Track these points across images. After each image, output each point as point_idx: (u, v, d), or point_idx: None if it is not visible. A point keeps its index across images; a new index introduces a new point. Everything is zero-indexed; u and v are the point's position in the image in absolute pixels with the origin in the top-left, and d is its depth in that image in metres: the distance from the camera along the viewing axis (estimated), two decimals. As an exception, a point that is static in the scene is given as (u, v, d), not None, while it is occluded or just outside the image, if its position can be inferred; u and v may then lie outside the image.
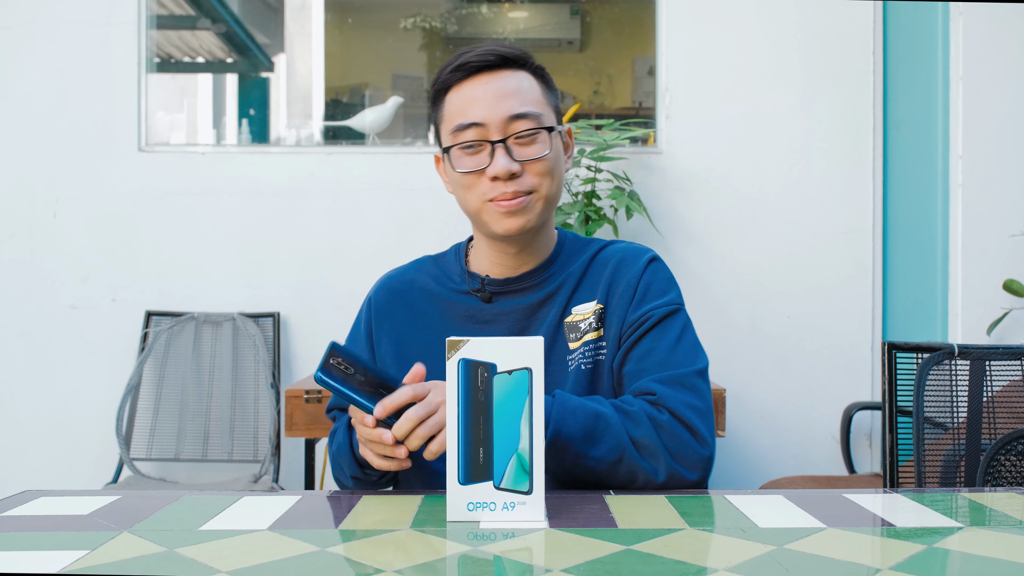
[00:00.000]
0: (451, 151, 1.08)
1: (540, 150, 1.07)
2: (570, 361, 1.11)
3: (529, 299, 1.13)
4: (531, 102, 1.08)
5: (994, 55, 2.57)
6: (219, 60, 3.45)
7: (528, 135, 1.06)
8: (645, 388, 1.04)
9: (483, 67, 1.07)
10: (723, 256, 2.66)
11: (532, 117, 1.07)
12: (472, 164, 1.07)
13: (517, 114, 1.06)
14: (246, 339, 2.60)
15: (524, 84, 1.08)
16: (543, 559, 0.72)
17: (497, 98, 1.06)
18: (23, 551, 0.75)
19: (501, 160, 1.05)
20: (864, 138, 2.66)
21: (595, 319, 1.11)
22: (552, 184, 1.09)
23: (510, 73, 1.08)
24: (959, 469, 1.43)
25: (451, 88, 1.09)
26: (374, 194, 2.67)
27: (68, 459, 2.65)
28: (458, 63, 1.08)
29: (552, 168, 1.09)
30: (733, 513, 0.87)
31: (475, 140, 1.06)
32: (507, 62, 1.08)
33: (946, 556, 0.74)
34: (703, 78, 2.68)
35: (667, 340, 1.08)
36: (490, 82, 1.07)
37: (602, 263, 1.15)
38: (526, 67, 1.10)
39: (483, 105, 1.06)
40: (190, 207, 2.67)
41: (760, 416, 2.66)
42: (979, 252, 2.57)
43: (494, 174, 1.06)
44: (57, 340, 2.65)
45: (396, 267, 1.24)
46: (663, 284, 1.13)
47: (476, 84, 1.07)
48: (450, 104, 1.09)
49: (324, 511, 0.89)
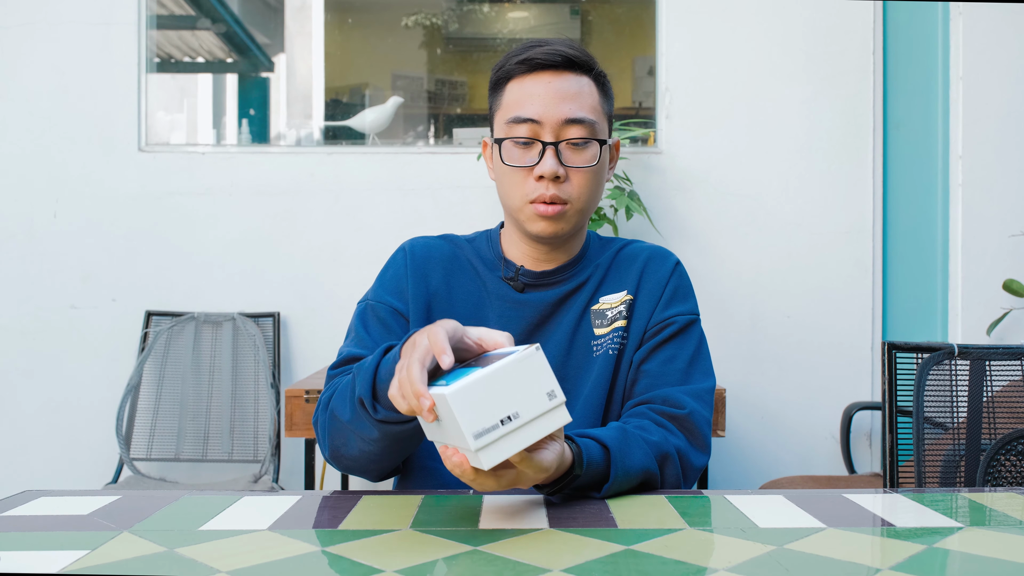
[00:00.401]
0: (503, 143, 1.09)
1: (589, 159, 1.09)
2: (596, 346, 1.15)
3: (559, 291, 1.16)
4: (588, 108, 1.09)
5: (994, 55, 2.57)
6: (219, 60, 3.45)
7: (581, 142, 1.08)
8: (676, 399, 1.09)
9: (548, 65, 1.08)
10: (723, 256, 2.66)
11: (587, 124, 1.08)
12: (521, 159, 1.09)
13: (574, 119, 1.07)
14: (246, 339, 2.60)
15: (585, 89, 1.09)
16: (543, 559, 0.72)
17: (557, 99, 1.07)
18: (23, 551, 0.75)
19: (549, 161, 1.07)
20: (864, 138, 2.66)
21: (625, 308, 1.15)
22: (592, 195, 1.11)
23: (573, 76, 1.09)
24: (959, 469, 1.43)
25: (513, 78, 1.10)
26: (374, 194, 2.67)
27: (68, 459, 2.66)
28: (524, 56, 1.08)
29: (595, 179, 1.11)
30: (733, 513, 0.87)
31: (528, 137, 1.07)
32: (572, 65, 1.09)
33: (946, 556, 0.74)
34: (703, 78, 2.68)
35: (689, 349, 1.14)
36: (552, 81, 1.08)
37: (629, 257, 1.19)
38: (590, 72, 1.11)
39: (542, 103, 1.07)
40: (190, 207, 2.67)
41: (760, 416, 2.66)
42: (979, 252, 2.57)
43: (540, 173, 1.07)
44: (57, 340, 2.65)
45: (425, 235, 1.24)
46: (687, 290, 1.19)
47: (538, 80, 1.08)
48: (510, 94, 1.10)
49: (324, 511, 0.89)
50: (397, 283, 1.17)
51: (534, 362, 0.76)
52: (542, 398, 0.76)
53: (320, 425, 1.03)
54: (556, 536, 0.78)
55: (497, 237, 1.21)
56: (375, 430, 0.92)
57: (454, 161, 2.68)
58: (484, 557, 0.73)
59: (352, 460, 1.01)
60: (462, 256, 1.19)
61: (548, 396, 0.76)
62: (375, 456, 0.98)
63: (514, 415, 0.75)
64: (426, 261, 1.18)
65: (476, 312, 1.15)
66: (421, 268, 1.17)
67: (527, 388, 0.75)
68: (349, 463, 1.02)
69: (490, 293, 1.16)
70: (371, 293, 1.19)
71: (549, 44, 1.09)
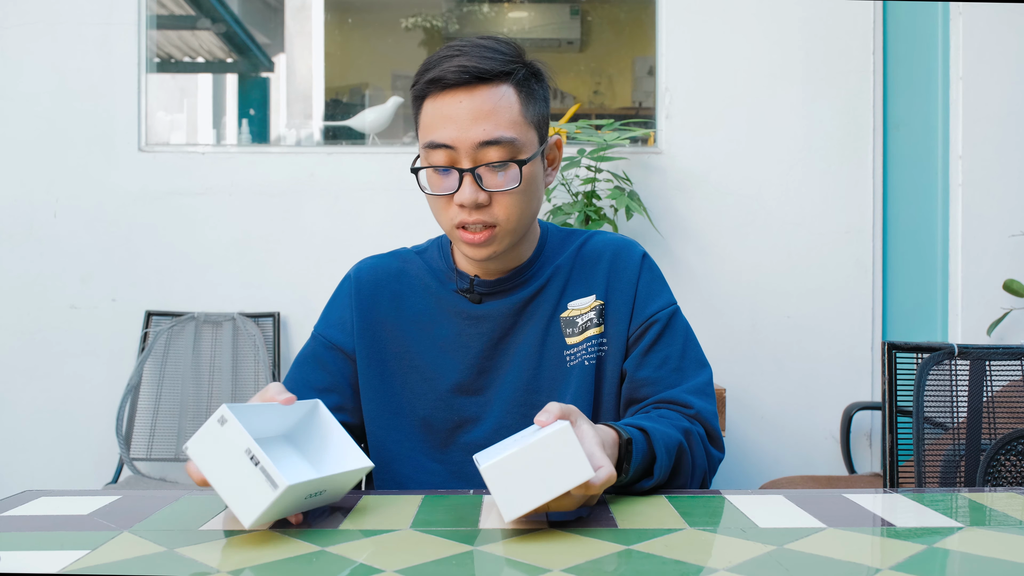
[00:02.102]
0: (421, 171, 1.05)
1: (510, 181, 1.02)
2: (569, 356, 1.11)
3: (518, 296, 1.12)
4: (506, 124, 1.00)
5: (994, 55, 2.57)
6: (219, 60, 3.45)
7: (499, 165, 1.01)
8: (681, 400, 1.08)
9: (459, 83, 1.00)
10: (723, 256, 2.66)
11: (505, 144, 1.00)
12: (440, 187, 1.03)
13: (489, 140, 0.99)
14: (246, 339, 2.60)
15: (502, 103, 1.00)
16: (543, 559, 0.72)
17: (470, 120, 0.99)
18: (23, 551, 0.75)
19: (467, 190, 1.00)
20: (864, 138, 2.66)
21: (596, 315, 1.11)
22: (522, 214, 1.04)
23: (488, 90, 1.00)
24: (959, 469, 1.43)
25: (426, 98, 1.03)
26: (374, 194, 2.67)
27: (68, 459, 2.66)
28: (433, 75, 1.01)
29: (523, 198, 1.04)
30: (733, 513, 0.87)
31: (444, 166, 1.01)
32: (485, 77, 1.00)
33: (946, 556, 0.74)
34: (703, 78, 2.68)
35: (677, 345, 1.11)
36: (464, 100, 1.00)
37: (593, 255, 1.14)
38: (508, 78, 1.02)
39: (455, 126, 1.00)
40: (190, 207, 2.67)
41: (760, 416, 2.66)
42: (979, 252, 2.57)
43: (459, 202, 1.01)
44: (57, 340, 2.65)
45: (374, 255, 1.20)
46: (659, 282, 1.15)
47: (450, 101, 1.00)
48: (425, 115, 1.03)
49: (323, 511, 0.89)
50: (340, 315, 1.16)
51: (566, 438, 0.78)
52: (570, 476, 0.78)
53: None
54: (556, 536, 0.78)
55: (448, 246, 1.16)
56: None
57: (454, 161, 2.68)
58: (484, 557, 0.73)
59: None
60: (411, 272, 1.15)
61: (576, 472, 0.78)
62: None
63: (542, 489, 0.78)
64: (373, 287, 1.15)
65: (429, 332, 1.11)
66: (367, 296, 1.14)
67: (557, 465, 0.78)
68: None
69: (444, 309, 1.12)
70: (317, 324, 1.18)
71: (462, 55, 1.01)
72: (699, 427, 1.07)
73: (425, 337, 1.11)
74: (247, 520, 0.75)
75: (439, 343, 1.11)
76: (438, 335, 1.11)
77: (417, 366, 1.11)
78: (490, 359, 1.10)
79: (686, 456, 1.03)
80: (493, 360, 1.10)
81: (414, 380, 1.11)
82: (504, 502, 0.77)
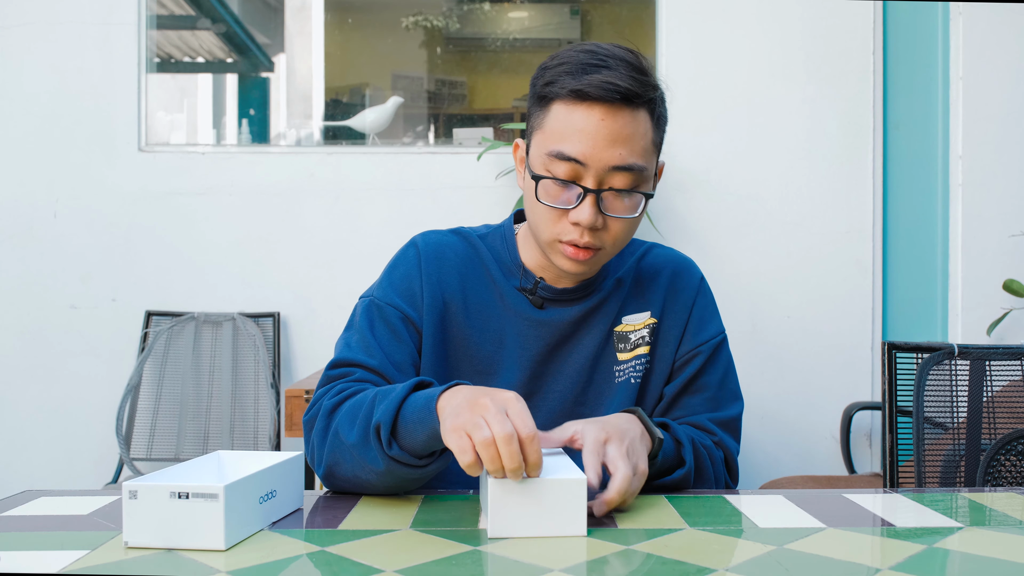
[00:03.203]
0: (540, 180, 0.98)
1: (631, 209, 0.99)
2: (618, 372, 1.10)
3: (579, 308, 1.09)
4: (639, 153, 0.97)
5: (994, 55, 2.57)
6: (219, 60, 3.45)
7: (625, 193, 0.97)
8: (706, 427, 1.10)
9: (602, 99, 0.94)
10: (723, 256, 2.66)
11: (636, 172, 0.96)
12: (557, 198, 0.98)
13: (622, 166, 0.96)
14: (246, 339, 2.60)
15: (640, 129, 0.96)
16: (543, 559, 0.72)
17: (607, 141, 0.95)
18: (23, 551, 0.75)
19: (587, 210, 0.96)
20: (864, 138, 2.66)
21: (648, 333, 1.11)
22: (626, 240, 1.03)
23: (629, 113, 0.95)
24: (959, 469, 1.43)
25: (558, 99, 0.97)
26: (374, 194, 2.67)
27: (68, 459, 2.65)
28: (576, 86, 0.95)
29: (633, 226, 1.02)
30: (733, 513, 0.87)
31: (569, 180, 0.97)
32: (629, 101, 0.95)
33: (946, 556, 0.74)
34: (703, 78, 2.68)
35: (717, 375, 1.12)
36: (605, 119, 0.94)
37: (652, 271, 1.14)
38: (647, 104, 0.97)
39: (590, 143, 0.95)
40: (190, 207, 2.67)
41: (760, 416, 2.66)
42: (979, 252, 2.57)
43: (576, 220, 0.97)
44: (57, 340, 2.65)
45: (433, 229, 1.15)
46: (712, 309, 1.16)
47: (589, 115, 0.95)
48: (554, 119, 0.97)
49: (324, 511, 0.89)
50: (409, 285, 1.08)
51: (578, 492, 0.79)
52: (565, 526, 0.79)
53: (316, 432, 0.97)
54: (556, 536, 0.78)
55: (513, 238, 1.12)
56: (382, 463, 0.88)
57: (454, 161, 2.68)
58: (484, 557, 0.73)
59: (346, 482, 0.95)
60: (477, 257, 1.10)
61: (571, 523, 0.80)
62: (371, 486, 0.93)
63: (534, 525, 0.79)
64: (440, 262, 1.09)
65: (489, 324, 1.08)
66: (435, 270, 1.08)
67: (559, 511, 0.79)
68: (342, 484, 0.95)
69: (507, 306, 1.08)
70: (378, 291, 1.09)
71: (608, 69, 0.95)
72: (720, 452, 1.09)
73: (486, 328, 1.08)
74: (221, 543, 0.74)
75: (497, 337, 1.08)
76: (497, 329, 1.08)
77: (473, 356, 1.08)
78: (544, 364, 1.08)
79: (704, 459, 1.04)
80: (547, 366, 1.08)
81: (467, 370, 1.08)
82: (495, 518, 0.78)
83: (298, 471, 0.89)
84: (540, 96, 1.00)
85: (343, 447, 0.92)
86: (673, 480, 0.99)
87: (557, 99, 0.97)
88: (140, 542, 0.75)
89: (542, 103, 0.99)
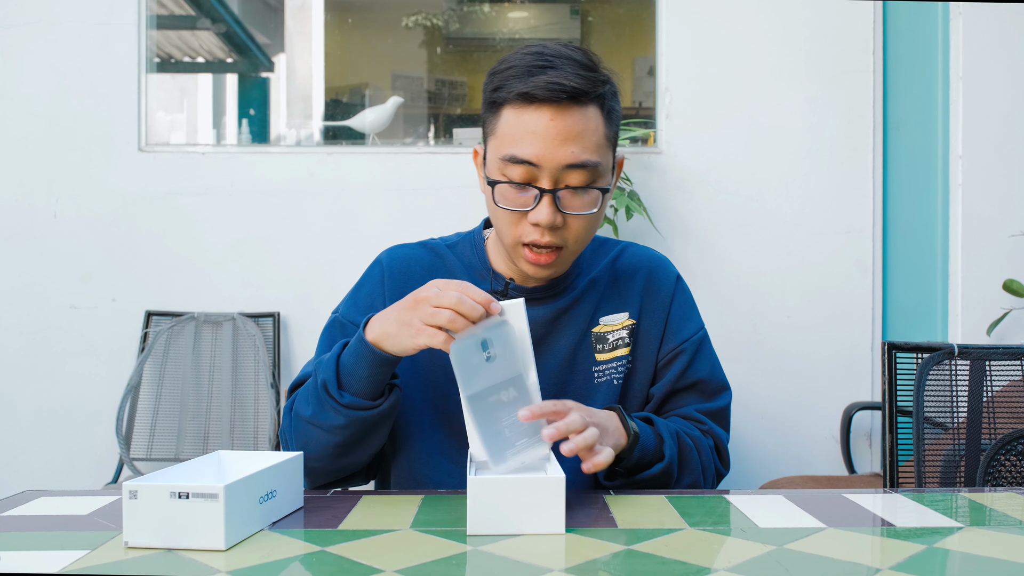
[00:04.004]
0: (496, 185, 1.00)
1: (589, 205, 1.00)
2: (597, 372, 1.10)
3: (553, 306, 1.10)
4: (592, 149, 0.97)
5: (994, 55, 2.57)
6: (219, 60, 3.45)
7: (580, 190, 0.98)
8: (693, 416, 1.11)
9: (550, 100, 0.95)
10: (723, 256, 2.66)
11: (590, 169, 0.97)
12: (515, 201, 0.99)
13: (575, 164, 0.96)
14: (246, 339, 2.60)
15: (591, 125, 0.97)
16: (543, 559, 0.72)
17: (559, 141, 0.95)
18: (23, 551, 0.75)
19: (546, 211, 0.97)
20: (864, 138, 2.66)
21: (627, 334, 1.11)
22: (588, 238, 1.04)
23: (578, 111, 0.96)
24: (959, 469, 1.43)
25: (507, 104, 0.98)
26: (374, 194, 2.67)
27: (68, 459, 2.65)
28: (523, 89, 0.95)
29: (594, 222, 1.02)
30: (733, 513, 0.87)
31: (524, 183, 0.98)
32: (577, 99, 0.96)
33: (946, 556, 0.74)
34: (703, 78, 2.68)
35: (704, 370, 1.13)
36: (553, 119, 0.95)
37: (628, 271, 1.14)
38: (597, 100, 0.98)
39: (541, 145, 0.95)
40: (190, 207, 2.67)
41: (760, 416, 2.66)
42: (979, 252, 2.57)
43: (535, 221, 0.98)
44: (57, 340, 2.65)
45: (403, 243, 1.17)
46: (690, 305, 1.17)
47: (538, 117, 0.96)
48: (505, 123, 0.98)
49: (324, 511, 0.89)
50: (372, 303, 1.11)
51: (556, 489, 0.81)
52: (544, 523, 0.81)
53: (286, 431, 1.01)
54: (556, 536, 0.78)
55: (482, 244, 1.14)
56: (341, 417, 0.95)
57: (454, 161, 2.68)
58: (484, 557, 0.73)
59: (317, 460, 0.98)
60: (443, 266, 1.12)
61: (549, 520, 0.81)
62: (339, 449, 0.97)
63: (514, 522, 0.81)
64: (405, 276, 1.11)
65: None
66: (399, 286, 1.10)
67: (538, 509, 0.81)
68: (315, 465, 0.99)
69: None
70: (343, 307, 1.13)
71: (554, 69, 0.95)
72: (710, 440, 1.11)
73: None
74: (221, 543, 0.74)
75: None
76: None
77: (447, 365, 1.09)
78: None
79: (690, 450, 1.05)
80: None
81: (440, 378, 1.09)
82: (474, 517, 0.79)
83: (298, 471, 0.90)
84: (491, 102, 1.01)
85: (305, 424, 0.98)
86: (653, 474, 1.00)
87: (506, 104, 0.98)
88: (140, 542, 0.75)
89: (493, 109, 1.01)
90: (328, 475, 1.01)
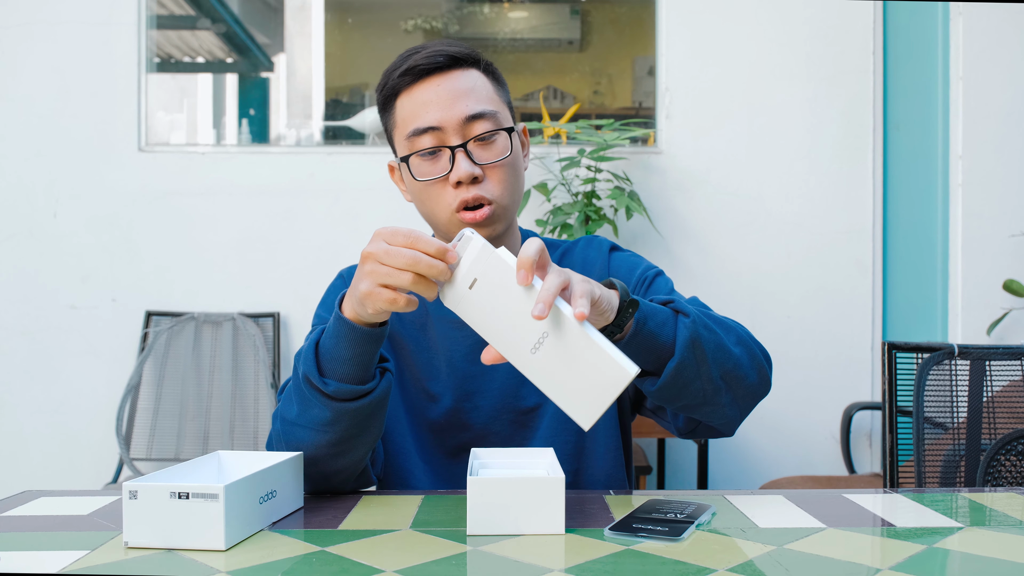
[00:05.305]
0: (409, 159, 1.03)
1: (501, 151, 1.03)
2: None
3: None
4: (486, 100, 1.03)
5: (994, 55, 2.57)
6: (219, 60, 3.45)
7: (488, 136, 1.02)
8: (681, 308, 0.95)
9: (432, 69, 1.02)
10: (723, 256, 2.66)
11: (490, 116, 1.02)
12: (432, 171, 1.03)
13: (474, 114, 1.01)
14: (246, 339, 2.60)
15: (477, 83, 1.04)
16: (543, 559, 0.72)
17: (452, 99, 1.01)
18: (23, 551, 0.75)
19: (463, 164, 1.00)
20: (864, 138, 2.66)
21: None
22: (514, 188, 1.06)
23: (461, 73, 1.03)
24: (959, 469, 1.43)
25: (401, 93, 1.04)
26: (374, 194, 2.67)
27: (68, 459, 2.66)
28: (406, 67, 1.03)
29: (513, 171, 1.05)
30: (733, 513, 0.87)
31: (433, 146, 1.02)
32: (457, 62, 1.03)
33: (946, 556, 0.74)
34: (703, 78, 2.68)
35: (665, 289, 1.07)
36: (442, 83, 1.02)
37: (569, 260, 1.14)
38: (476, 65, 1.05)
39: (437, 108, 1.01)
40: (190, 207, 2.67)
41: (760, 416, 2.66)
42: (979, 252, 2.57)
43: (457, 179, 1.01)
44: (57, 340, 2.65)
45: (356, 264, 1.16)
46: (635, 260, 1.13)
47: (427, 87, 1.02)
48: (402, 109, 1.04)
49: (324, 511, 0.89)
50: None
51: (556, 490, 0.80)
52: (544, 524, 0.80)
53: (273, 439, 0.98)
54: (556, 536, 0.78)
55: None
56: (328, 410, 0.89)
57: (454, 161, 2.68)
58: (484, 557, 0.73)
59: (312, 465, 0.94)
60: None
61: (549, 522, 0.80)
62: (332, 447, 0.91)
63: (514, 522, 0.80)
64: None
65: (423, 337, 1.11)
66: None
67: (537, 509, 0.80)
68: (311, 471, 0.94)
69: (430, 314, 1.11)
70: (316, 322, 1.13)
71: (427, 47, 1.04)
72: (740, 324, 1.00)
73: (419, 339, 1.11)
74: (221, 543, 0.74)
75: (429, 345, 1.11)
76: (428, 338, 1.11)
77: (412, 366, 1.11)
78: (474, 363, 1.09)
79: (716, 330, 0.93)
80: (478, 365, 1.08)
81: (409, 378, 1.11)
82: (474, 517, 0.79)
83: (298, 471, 0.90)
84: (384, 103, 1.07)
85: (293, 427, 0.93)
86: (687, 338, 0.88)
87: (397, 94, 1.04)
88: (140, 542, 0.75)
89: (388, 107, 1.06)
90: (328, 478, 0.97)
